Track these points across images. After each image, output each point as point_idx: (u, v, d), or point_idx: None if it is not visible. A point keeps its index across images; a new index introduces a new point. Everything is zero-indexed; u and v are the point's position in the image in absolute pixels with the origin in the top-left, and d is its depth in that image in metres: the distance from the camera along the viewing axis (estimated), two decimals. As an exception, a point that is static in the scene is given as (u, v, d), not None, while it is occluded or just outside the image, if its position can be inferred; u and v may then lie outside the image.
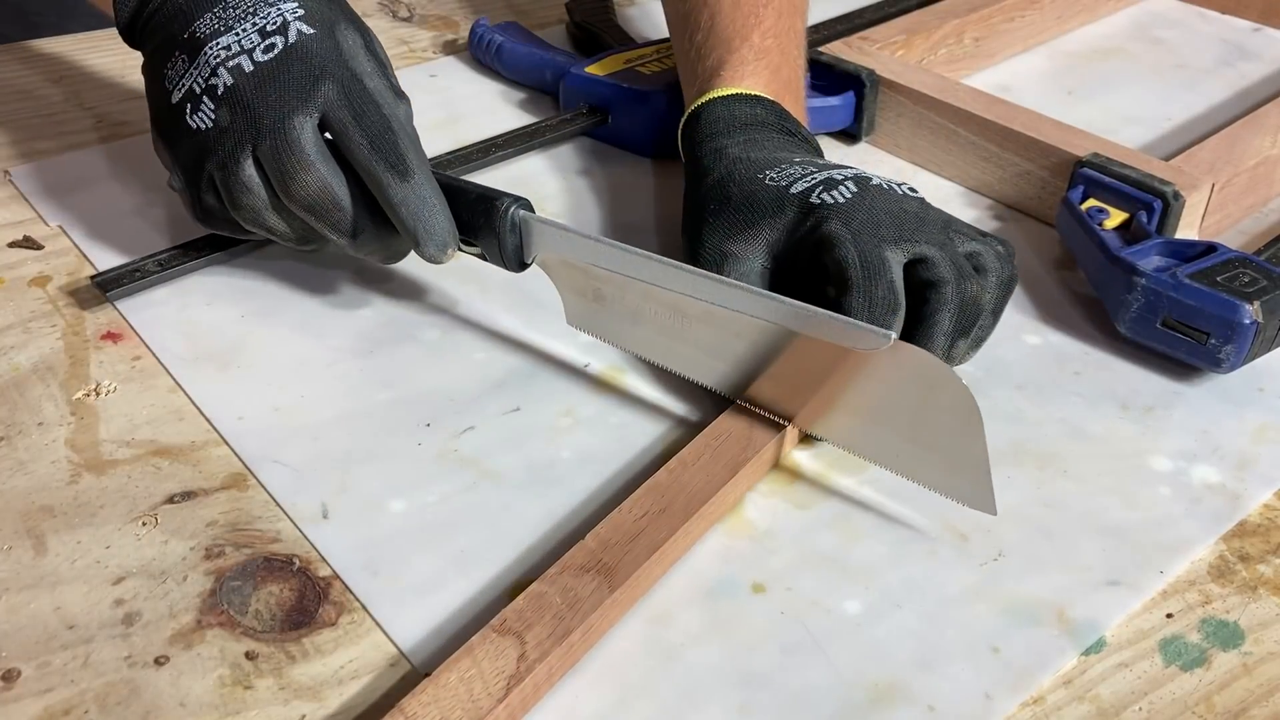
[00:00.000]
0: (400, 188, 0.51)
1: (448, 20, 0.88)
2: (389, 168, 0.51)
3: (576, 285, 0.52)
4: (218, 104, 0.52)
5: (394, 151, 0.51)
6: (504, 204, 0.51)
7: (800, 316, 0.46)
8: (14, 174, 0.67)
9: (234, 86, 0.51)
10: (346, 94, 0.51)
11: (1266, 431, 0.51)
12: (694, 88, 0.62)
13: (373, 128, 0.51)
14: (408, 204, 0.51)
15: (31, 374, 0.53)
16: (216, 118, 0.52)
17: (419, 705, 0.37)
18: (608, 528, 0.43)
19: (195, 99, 0.52)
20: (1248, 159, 0.63)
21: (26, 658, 0.40)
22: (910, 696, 0.40)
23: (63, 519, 0.46)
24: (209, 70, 0.52)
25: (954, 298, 0.48)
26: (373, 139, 0.51)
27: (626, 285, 0.50)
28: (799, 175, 0.53)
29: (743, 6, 0.62)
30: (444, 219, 0.52)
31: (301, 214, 0.52)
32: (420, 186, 0.51)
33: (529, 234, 0.52)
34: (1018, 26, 0.82)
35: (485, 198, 0.52)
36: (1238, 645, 0.42)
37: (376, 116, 0.51)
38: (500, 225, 0.51)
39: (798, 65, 0.63)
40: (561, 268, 0.52)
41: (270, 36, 0.52)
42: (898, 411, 0.45)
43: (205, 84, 0.52)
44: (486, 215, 0.52)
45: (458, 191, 0.53)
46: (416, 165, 0.51)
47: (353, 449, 0.49)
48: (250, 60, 0.52)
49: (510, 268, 0.53)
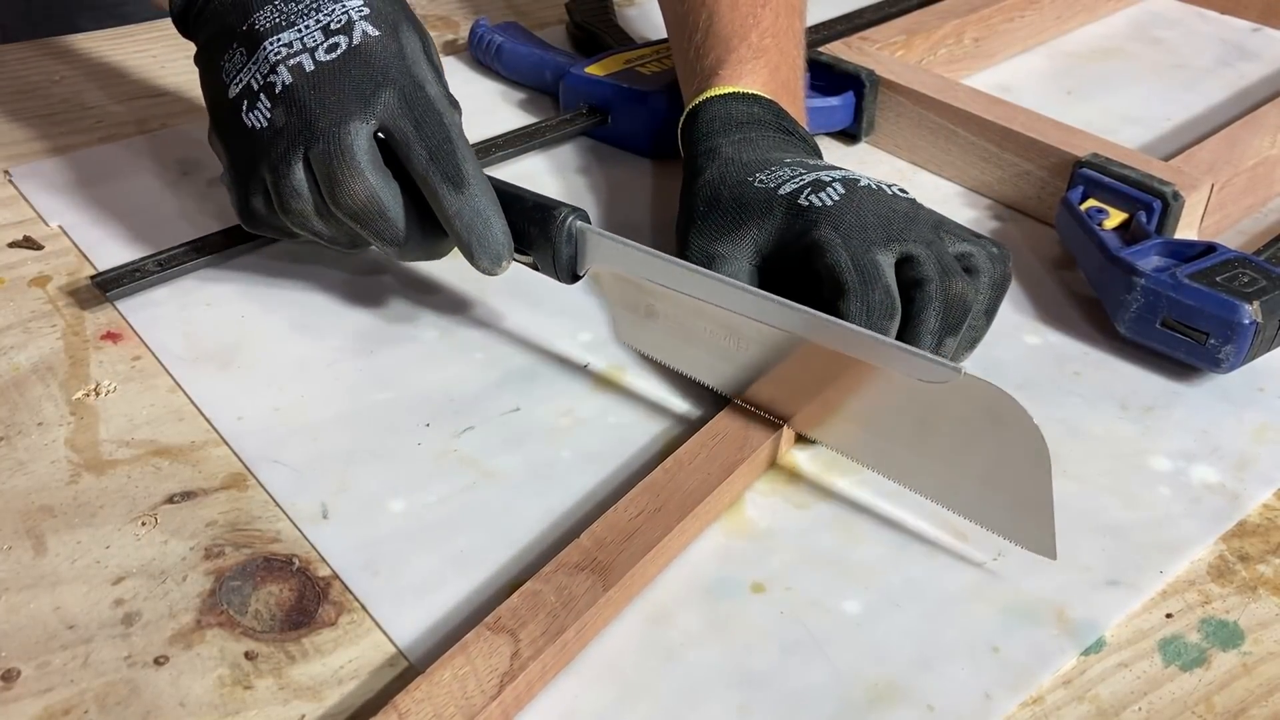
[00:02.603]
0: (456, 199, 0.50)
1: (448, 20, 0.88)
2: (445, 179, 0.50)
3: (629, 300, 0.51)
4: (274, 103, 0.51)
5: (452, 162, 0.50)
6: (561, 214, 0.50)
7: (869, 345, 0.44)
8: (14, 174, 0.67)
9: (293, 86, 0.50)
10: (408, 102, 0.50)
11: (1266, 431, 0.51)
12: (692, 87, 0.62)
13: (432, 138, 0.50)
14: (463, 216, 0.50)
15: (31, 374, 0.53)
16: (272, 118, 0.51)
17: (412, 702, 0.37)
18: (603, 526, 0.43)
19: (252, 96, 0.51)
20: (1247, 159, 0.63)
21: (26, 658, 0.41)
22: (910, 696, 0.40)
23: (63, 519, 0.46)
24: (268, 67, 0.51)
25: (938, 295, 0.48)
26: (432, 150, 0.50)
27: (681, 301, 0.49)
28: (788, 177, 0.53)
29: (740, 7, 0.62)
30: (499, 232, 0.50)
31: (348, 222, 0.51)
32: (476, 198, 0.50)
33: (584, 245, 0.51)
34: (1017, 26, 0.82)
35: (542, 206, 0.51)
36: (1237, 645, 0.42)
37: (437, 126, 0.50)
38: (556, 235, 0.50)
39: (796, 65, 0.63)
40: (614, 281, 0.51)
41: (334, 35, 0.51)
42: (955, 444, 0.44)
43: (263, 81, 0.51)
44: (542, 225, 0.50)
45: (513, 198, 0.51)
46: (473, 177, 0.50)
47: (352, 449, 0.49)
48: (312, 59, 0.50)
49: (562, 279, 0.52)
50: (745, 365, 0.48)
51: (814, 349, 0.46)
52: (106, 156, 0.69)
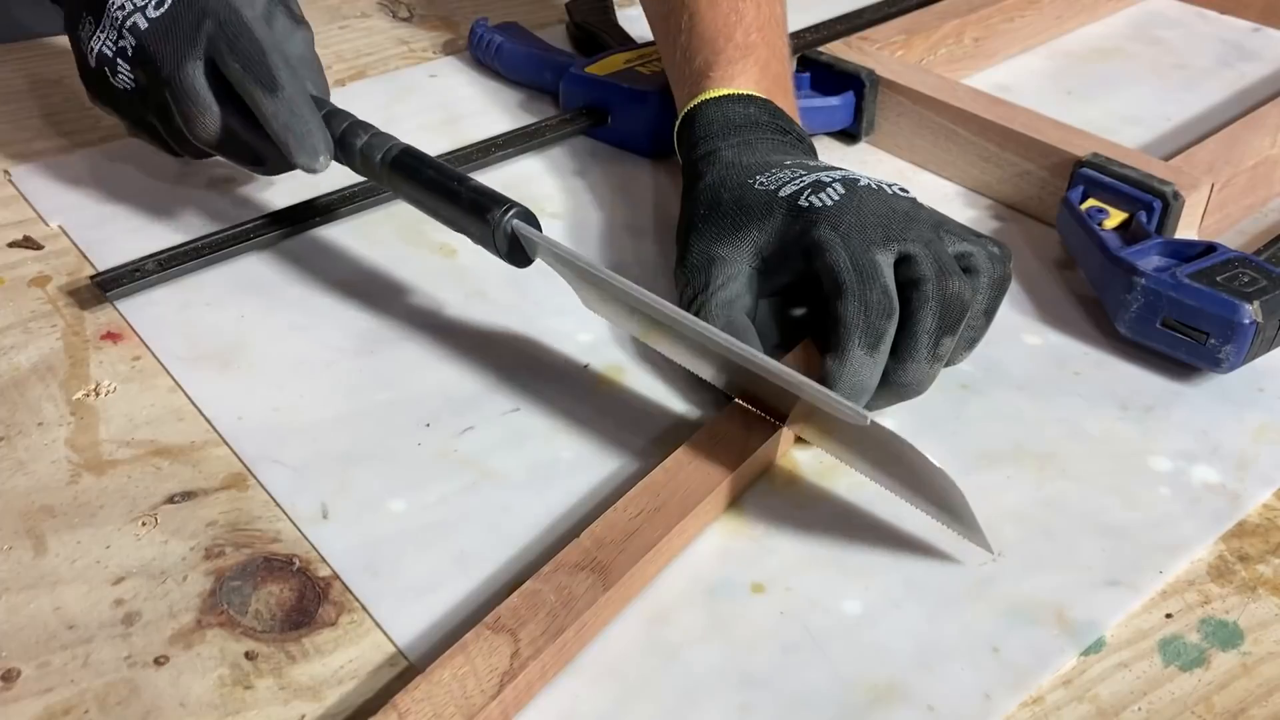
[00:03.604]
0: (271, 102, 0.53)
1: (448, 20, 0.88)
2: (258, 84, 0.54)
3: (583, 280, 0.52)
4: (131, 65, 0.56)
5: (264, 70, 0.54)
6: (495, 215, 0.50)
7: (790, 382, 0.45)
8: (14, 174, 0.67)
9: (137, 46, 0.55)
10: (223, 26, 0.54)
11: (1266, 431, 0.51)
12: (684, 90, 0.62)
13: (245, 52, 0.54)
14: (278, 116, 0.53)
15: (31, 374, 0.53)
16: (135, 77, 0.56)
17: (412, 701, 0.37)
18: (603, 526, 0.43)
19: (111, 63, 0.56)
20: (1247, 159, 0.63)
21: (26, 658, 0.41)
22: (910, 696, 0.40)
23: (63, 519, 0.46)
24: (115, 33, 0.56)
25: (935, 295, 0.48)
26: (245, 62, 0.54)
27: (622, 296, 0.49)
28: (789, 179, 0.53)
29: (720, 4, 0.62)
30: (314, 130, 0.54)
31: (212, 152, 0.57)
32: (289, 100, 0.54)
33: (527, 243, 0.51)
34: (1017, 26, 0.82)
35: (477, 204, 0.51)
36: (1237, 645, 0.42)
37: (248, 41, 0.54)
38: (495, 233, 0.51)
39: (783, 56, 0.64)
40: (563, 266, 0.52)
41: None
42: (894, 467, 0.45)
43: (115, 46, 0.56)
44: (479, 219, 0.51)
45: (451, 193, 0.52)
46: (287, 81, 0.54)
47: (353, 449, 0.49)
48: (144, 17, 0.55)
49: (516, 265, 0.52)
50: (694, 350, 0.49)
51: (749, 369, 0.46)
52: (106, 156, 0.69)
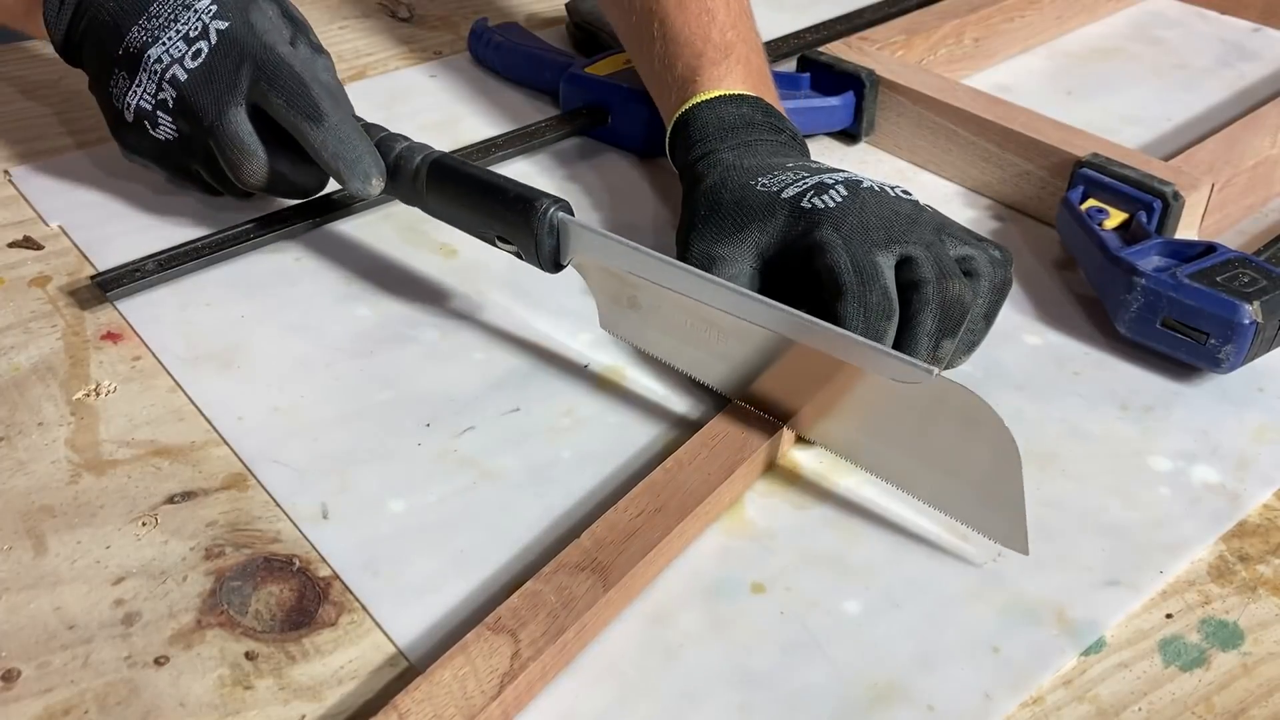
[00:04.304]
0: (318, 132, 0.55)
1: (448, 20, 0.88)
2: (305, 117, 0.55)
3: (611, 290, 0.51)
4: (173, 116, 0.58)
5: (307, 101, 0.55)
6: (543, 205, 0.51)
7: (843, 344, 0.45)
8: (14, 174, 0.67)
9: (178, 98, 0.57)
10: (261, 68, 0.56)
11: (1266, 431, 0.51)
12: (671, 97, 0.62)
13: (286, 88, 0.55)
14: (327, 145, 0.55)
15: (31, 374, 0.53)
16: (178, 127, 0.58)
17: (412, 702, 0.37)
18: (603, 527, 0.43)
19: (151, 115, 0.58)
20: (1247, 159, 0.63)
21: (26, 658, 0.41)
22: (910, 696, 0.40)
23: (63, 519, 0.46)
24: (154, 86, 0.57)
25: (935, 297, 0.48)
26: (289, 97, 0.55)
27: (662, 294, 0.49)
28: (790, 180, 0.53)
29: (688, 6, 0.62)
30: (364, 154, 0.55)
31: (260, 193, 0.59)
32: (336, 127, 0.55)
33: (566, 237, 0.51)
34: (1017, 27, 0.82)
35: (524, 198, 0.52)
36: (1237, 645, 0.42)
37: (289, 76, 0.55)
38: (538, 226, 0.51)
39: (759, 48, 0.64)
40: (598, 272, 0.52)
41: (195, 43, 0.57)
42: (936, 445, 0.44)
43: (155, 100, 0.57)
44: (525, 215, 0.51)
45: (496, 189, 0.53)
46: (331, 109, 0.55)
47: (353, 449, 0.49)
48: (183, 69, 0.56)
49: (546, 268, 0.52)
50: (726, 358, 0.49)
51: (793, 346, 0.46)
52: (106, 156, 0.68)
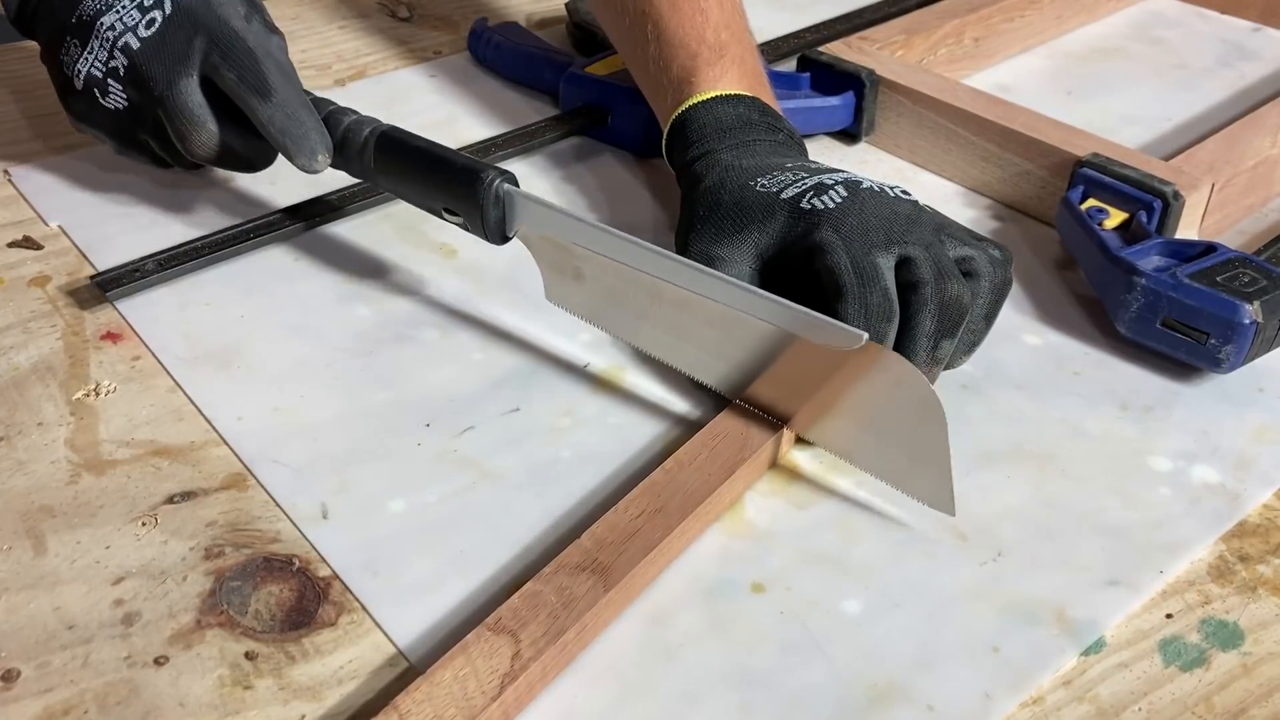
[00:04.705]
0: (266, 107, 0.55)
1: (448, 20, 0.88)
2: (253, 92, 0.55)
3: (556, 262, 0.52)
4: (123, 85, 0.57)
5: (257, 76, 0.55)
6: (488, 176, 0.52)
7: (776, 311, 0.46)
8: (14, 174, 0.67)
9: (129, 66, 0.57)
10: (214, 40, 0.56)
11: (1266, 431, 0.51)
12: (667, 99, 0.61)
13: (238, 62, 0.56)
14: (274, 121, 0.55)
15: (31, 374, 0.53)
16: (128, 96, 0.58)
17: (413, 703, 0.37)
18: (603, 527, 0.43)
19: (101, 83, 0.58)
20: (1247, 159, 0.63)
21: (26, 658, 0.41)
22: (910, 696, 0.40)
23: (62, 519, 0.46)
24: (105, 54, 0.57)
25: (933, 298, 0.48)
26: (239, 72, 0.56)
27: (606, 266, 0.50)
28: (790, 181, 0.53)
29: (681, 6, 0.62)
30: (311, 130, 0.55)
31: (207, 164, 0.59)
32: (284, 103, 0.55)
33: (511, 207, 0.52)
34: (1018, 26, 0.82)
35: (469, 169, 0.53)
36: (1237, 645, 0.42)
37: (242, 51, 0.56)
38: (484, 197, 0.52)
39: (753, 47, 0.64)
40: (542, 243, 0.52)
41: (149, 11, 0.57)
42: (872, 412, 0.46)
43: (105, 67, 0.57)
44: (470, 185, 0.52)
45: (443, 161, 0.54)
46: (279, 85, 0.56)
47: (352, 449, 0.49)
48: (135, 37, 0.57)
49: (491, 240, 0.53)
50: (665, 326, 0.50)
51: (735, 316, 0.47)
52: (106, 156, 0.68)
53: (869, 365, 0.44)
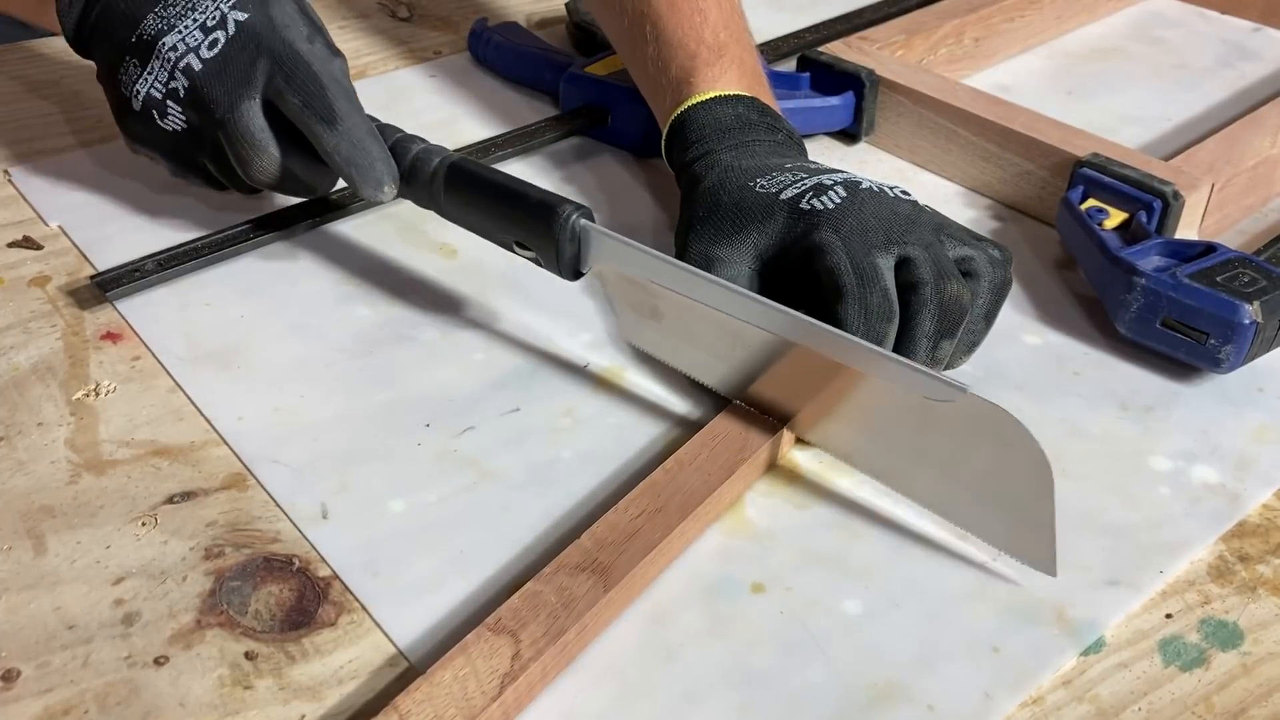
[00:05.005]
0: (332, 135, 0.54)
1: (448, 20, 0.88)
2: (319, 119, 0.54)
3: (633, 300, 0.51)
4: (183, 106, 0.56)
5: (323, 103, 0.54)
6: (565, 211, 0.50)
7: (873, 360, 0.44)
8: (14, 174, 0.67)
9: (190, 87, 0.55)
10: (279, 64, 0.55)
11: (1266, 431, 0.51)
12: (666, 99, 0.61)
13: (304, 87, 0.54)
14: (340, 150, 0.54)
15: (31, 374, 0.53)
16: (187, 118, 0.56)
17: (413, 703, 0.37)
18: (604, 527, 0.43)
19: (160, 105, 0.56)
20: (1247, 159, 0.63)
21: (26, 658, 0.41)
22: (910, 696, 0.40)
23: (62, 519, 0.46)
24: (166, 75, 0.55)
25: (933, 298, 0.48)
26: (305, 98, 0.54)
27: (685, 305, 0.49)
28: (789, 182, 0.53)
29: (680, 7, 0.62)
30: (377, 159, 0.54)
31: (266, 189, 0.58)
32: (351, 131, 0.54)
33: (588, 244, 0.51)
34: (1018, 26, 0.82)
35: (546, 204, 0.51)
36: (1237, 645, 0.42)
37: (307, 75, 0.54)
38: (560, 234, 0.50)
39: (752, 48, 0.64)
40: (619, 281, 0.51)
41: (212, 32, 0.55)
42: (965, 462, 0.44)
43: (165, 89, 0.56)
44: (546, 221, 0.50)
45: (518, 195, 0.52)
46: (346, 113, 0.54)
47: (352, 449, 0.49)
48: (197, 59, 0.55)
49: (565, 275, 0.52)
50: (748, 370, 0.48)
51: (819, 359, 0.45)
52: (106, 156, 0.69)
53: (970, 417, 0.42)
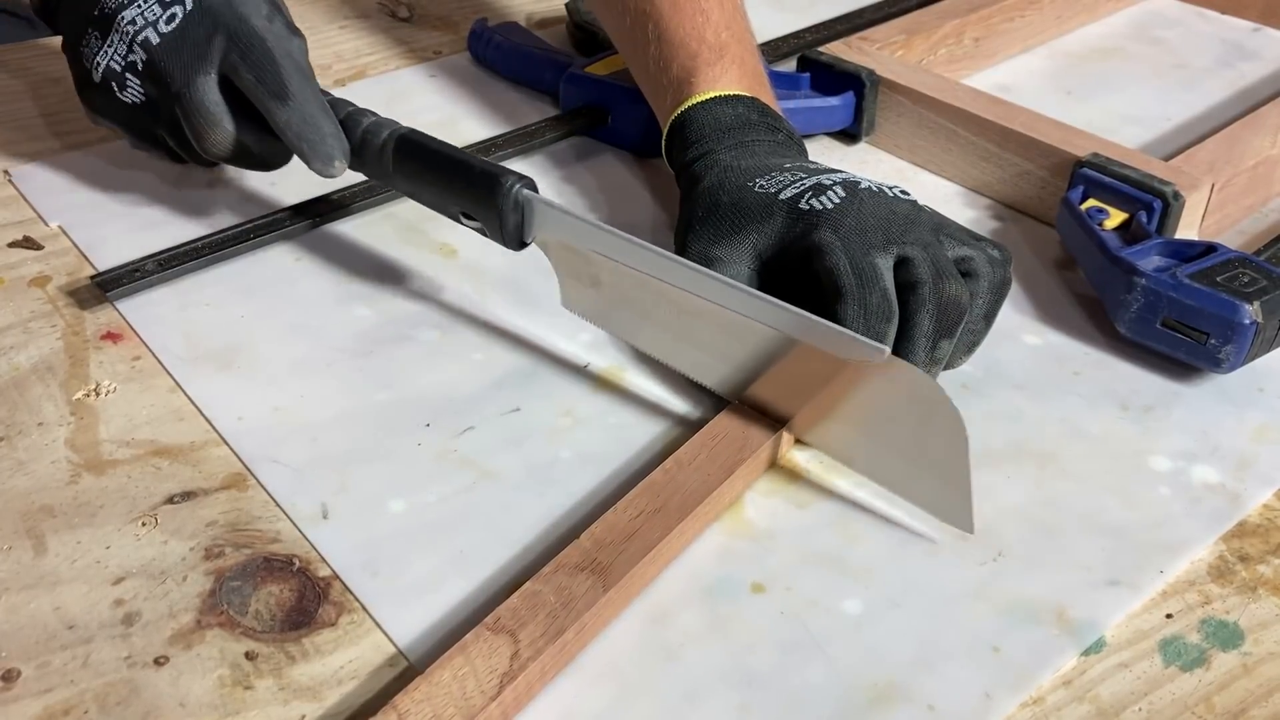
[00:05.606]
0: (283, 110, 0.55)
1: (448, 20, 0.88)
2: (271, 95, 0.55)
3: (574, 269, 0.52)
4: (141, 79, 0.57)
5: (276, 79, 0.55)
6: (508, 181, 0.51)
7: (798, 323, 0.46)
8: (14, 174, 0.67)
9: (148, 61, 0.57)
10: (234, 39, 0.55)
11: (1266, 431, 0.51)
12: (667, 99, 0.61)
13: (258, 64, 0.55)
14: (291, 125, 0.55)
15: (31, 374, 0.53)
16: (145, 90, 0.58)
17: (411, 703, 0.37)
18: (603, 527, 0.44)
19: (119, 77, 0.58)
20: (1247, 159, 0.63)
21: (26, 658, 0.41)
22: (910, 696, 0.40)
23: (63, 519, 0.46)
24: (125, 48, 0.57)
25: (931, 298, 0.48)
26: (259, 74, 0.55)
27: (625, 274, 0.50)
28: (788, 182, 0.53)
29: (682, 7, 0.62)
30: (328, 134, 0.55)
31: (222, 162, 0.59)
32: (302, 107, 0.55)
33: (530, 213, 0.52)
34: (1018, 26, 0.82)
35: (489, 173, 0.52)
36: (1237, 645, 0.42)
37: (262, 52, 0.55)
38: (503, 202, 0.52)
39: (754, 48, 0.64)
40: (561, 250, 0.52)
41: (170, 7, 0.56)
42: (888, 425, 0.45)
43: (124, 61, 0.57)
44: (489, 190, 0.52)
45: (463, 165, 0.53)
46: (298, 89, 0.55)
47: (352, 449, 0.49)
48: (155, 32, 0.56)
49: (509, 245, 0.53)
50: (686, 338, 0.49)
51: (751, 326, 0.47)
52: (106, 156, 0.69)
53: (890, 379, 0.44)
